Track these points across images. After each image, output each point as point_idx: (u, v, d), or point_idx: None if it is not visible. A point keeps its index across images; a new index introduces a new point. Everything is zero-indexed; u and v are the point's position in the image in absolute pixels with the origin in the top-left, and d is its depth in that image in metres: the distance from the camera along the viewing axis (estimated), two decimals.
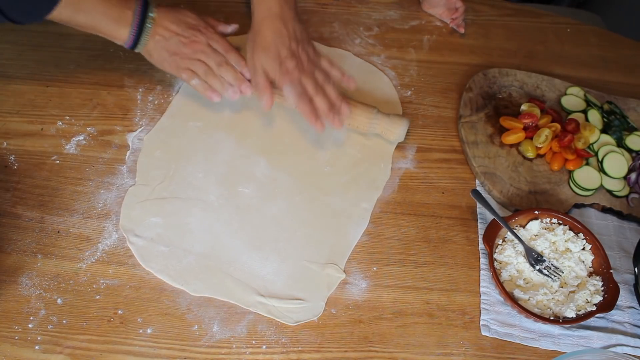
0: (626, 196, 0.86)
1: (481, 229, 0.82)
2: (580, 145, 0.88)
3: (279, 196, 0.84)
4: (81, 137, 0.88)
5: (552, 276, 0.76)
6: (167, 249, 0.78)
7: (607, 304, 0.73)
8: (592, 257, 0.78)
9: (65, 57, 0.98)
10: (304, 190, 0.84)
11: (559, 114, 0.92)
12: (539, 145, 0.88)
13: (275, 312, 0.73)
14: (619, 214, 0.85)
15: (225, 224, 0.80)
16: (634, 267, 0.77)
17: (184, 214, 0.81)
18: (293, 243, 0.79)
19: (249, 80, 0.86)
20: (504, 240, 0.80)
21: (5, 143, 0.87)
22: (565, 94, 0.96)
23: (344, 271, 0.77)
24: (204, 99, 0.88)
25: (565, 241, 0.78)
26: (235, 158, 0.87)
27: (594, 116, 0.92)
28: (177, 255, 0.77)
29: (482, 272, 0.79)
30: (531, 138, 0.89)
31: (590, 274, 0.77)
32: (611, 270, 0.75)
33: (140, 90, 0.94)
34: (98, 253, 0.77)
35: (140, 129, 0.89)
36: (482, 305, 0.76)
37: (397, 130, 0.88)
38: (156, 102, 0.93)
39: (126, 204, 0.81)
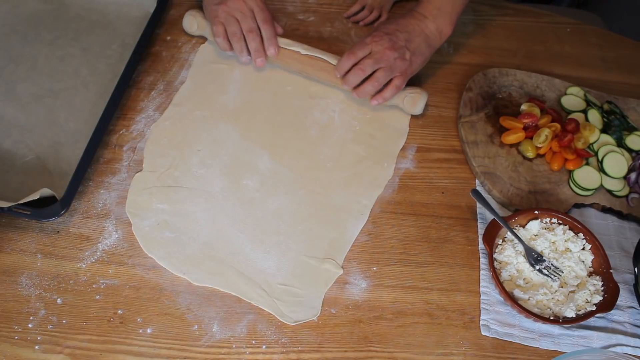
0: (626, 196, 0.86)
1: (481, 228, 0.82)
2: (580, 145, 0.87)
3: (281, 190, 0.84)
4: None
5: (552, 276, 0.76)
6: (172, 235, 0.78)
7: (607, 303, 0.73)
8: (592, 257, 0.78)
9: None
10: (305, 185, 0.85)
11: (559, 114, 0.92)
12: (539, 145, 0.88)
13: (275, 308, 0.74)
14: (619, 214, 0.85)
15: (229, 216, 0.81)
16: (634, 267, 0.77)
17: (190, 203, 0.82)
18: (294, 237, 0.80)
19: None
20: (503, 240, 0.80)
21: None
22: (565, 94, 0.96)
23: (342, 267, 0.78)
24: (210, 89, 0.93)
25: (565, 241, 0.78)
26: (239, 150, 0.87)
27: (594, 116, 0.92)
28: (182, 243, 0.78)
29: (482, 272, 0.79)
30: (531, 138, 0.89)
31: (590, 274, 0.77)
32: (611, 270, 0.75)
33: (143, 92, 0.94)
34: (98, 253, 0.77)
35: (140, 129, 0.89)
36: (482, 305, 0.76)
37: (417, 101, 0.91)
38: (157, 102, 0.93)
39: (133, 189, 0.82)
